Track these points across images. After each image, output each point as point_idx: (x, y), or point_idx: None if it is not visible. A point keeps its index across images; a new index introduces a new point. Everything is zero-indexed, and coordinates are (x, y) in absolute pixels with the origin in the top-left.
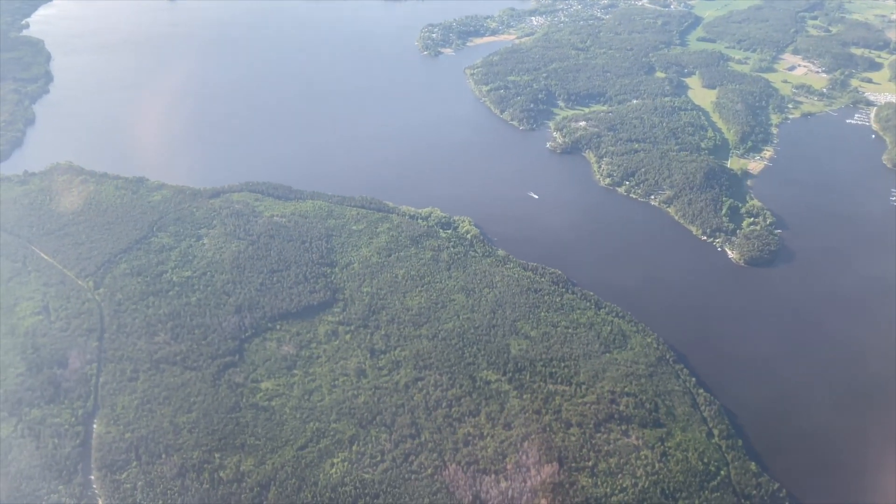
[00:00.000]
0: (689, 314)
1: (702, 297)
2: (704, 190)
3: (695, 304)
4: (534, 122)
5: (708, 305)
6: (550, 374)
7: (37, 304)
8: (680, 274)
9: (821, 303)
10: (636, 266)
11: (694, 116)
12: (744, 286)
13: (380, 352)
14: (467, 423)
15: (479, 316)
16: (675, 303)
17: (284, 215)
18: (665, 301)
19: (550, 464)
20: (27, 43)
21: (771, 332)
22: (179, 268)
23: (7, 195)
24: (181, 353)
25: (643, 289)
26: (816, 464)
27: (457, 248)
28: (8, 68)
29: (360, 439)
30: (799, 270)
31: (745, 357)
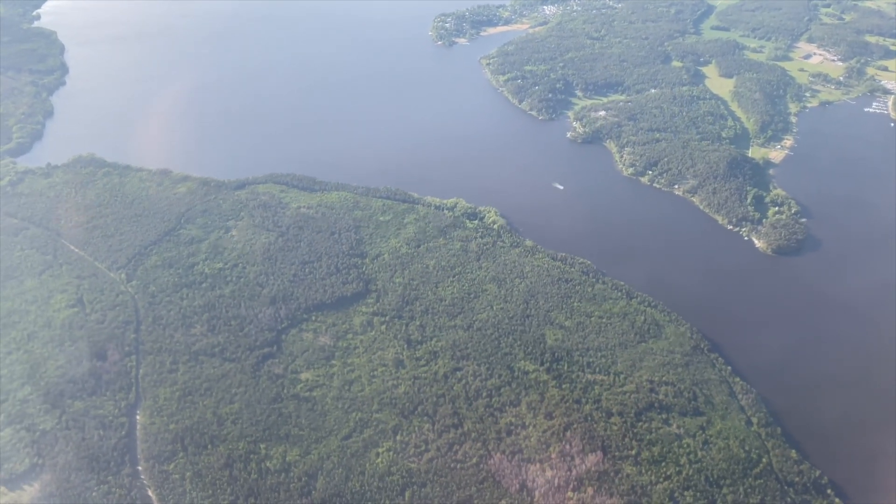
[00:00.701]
0: (721, 303)
1: (731, 287)
2: (728, 179)
3: (725, 293)
4: (553, 111)
5: (738, 294)
6: (588, 363)
7: (71, 296)
8: (708, 263)
9: (851, 291)
10: (664, 256)
11: (713, 106)
12: (772, 275)
13: (416, 342)
14: (508, 412)
15: (512, 306)
16: (706, 292)
17: (311, 207)
18: (695, 290)
19: (594, 453)
20: (40, 34)
21: (802, 321)
22: (210, 259)
23: (32, 188)
24: (219, 345)
25: (673, 278)
26: (855, 451)
27: (485, 239)
28: (23, 60)
29: (404, 429)
30: (827, 259)
31: (779, 345)
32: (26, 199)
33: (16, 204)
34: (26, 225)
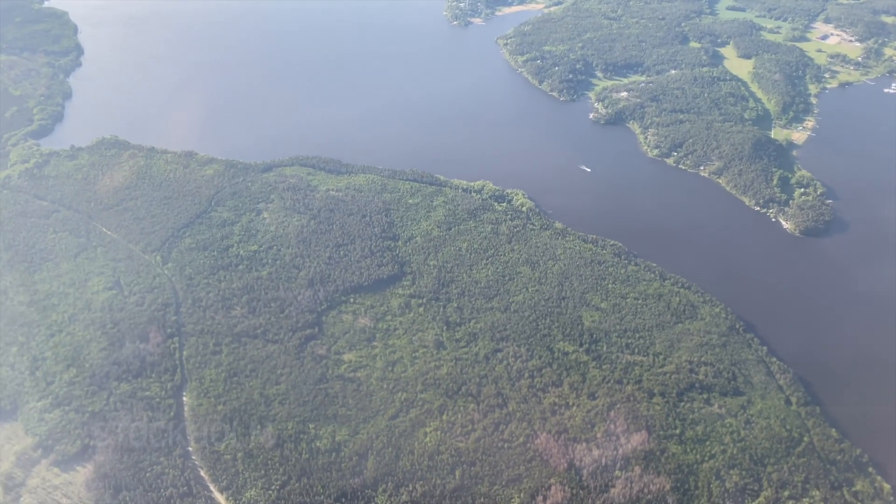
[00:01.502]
0: (752, 284)
1: (762, 268)
2: (753, 161)
3: (756, 274)
4: (574, 92)
5: (769, 275)
6: (626, 344)
7: (108, 279)
8: (738, 244)
9: (881, 271)
10: (694, 237)
11: (734, 87)
12: (802, 256)
13: (455, 324)
14: (551, 393)
15: (547, 288)
16: (737, 273)
17: (340, 189)
18: (727, 271)
19: (639, 432)
20: (52, 15)
21: (834, 301)
22: (244, 242)
23: (58, 170)
24: (261, 327)
25: (704, 259)
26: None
27: (515, 221)
28: (37, 41)
29: (449, 409)
30: (854, 239)
31: (812, 326)
32: (54, 181)
33: (44, 186)
34: (56, 207)
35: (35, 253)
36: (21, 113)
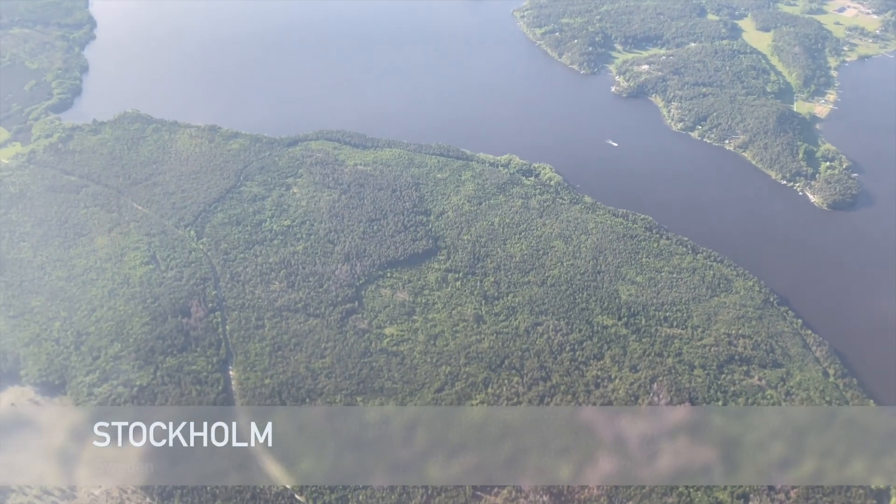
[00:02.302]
0: (783, 258)
1: (792, 241)
2: (778, 134)
3: (786, 247)
4: (594, 65)
5: (799, 249)
6: (664, 318)
7: (143, 254)
8: (766, 218)
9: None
10: (723, 211)
11: (754, 60)
12: (830, 229)
13: (493, 298)
14: (593, 366)
15: (581, 262)
16: (767, 247)
17: (367, 164)
18: (757, 245)
19: (682, 404)
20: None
21: (865, 274)
22: (277, 217)
23: (83, 145)
24: (301, 301)
25: (734, 233)
26: None
27: (544, 196)
28: (50, 13)
29: (493, 382)
30: (883, 213)
31: (845, 298)
32: (80, 156)
33: (70, 161)
34: (85, 182)
35: (68, 228)
36: (40, 87)
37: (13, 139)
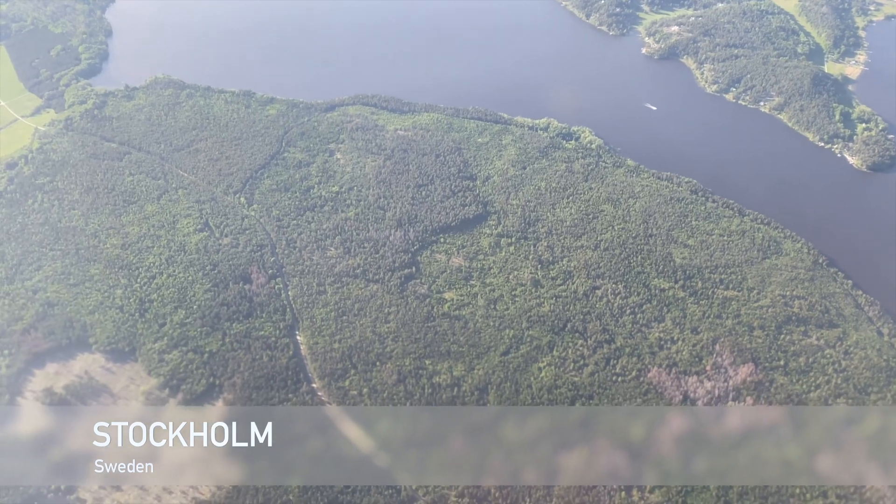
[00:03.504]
0: (827, 219)
1: (834, 203)
2: (813, 96)
3: (829, 209)
4: (622, 26)
5: (842, 210)
6: (720, 280)
7: (196, 220)
8: (808, 180)
9: None
10: (764, 173)
11: (783, 20)
12: (871, 191)
13: (548, 262)
14: (655, 328)
15: (632, 226)
16: (811, 209)
17: (407, 129)
18: (800, 207)
19: (745, 364)
20: None
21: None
22: (324, 183)
23: (118, 111)
24: (359, 267)
25: (777, 195)
26: None
27: (587, 159)
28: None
29: (558, 345)
30: None
31: (890, 259)
32: (118, 122)
33: (109, 127)
34: (126, 149)
35: (117, 196)
36: (66, 52)
37: (46, 105)
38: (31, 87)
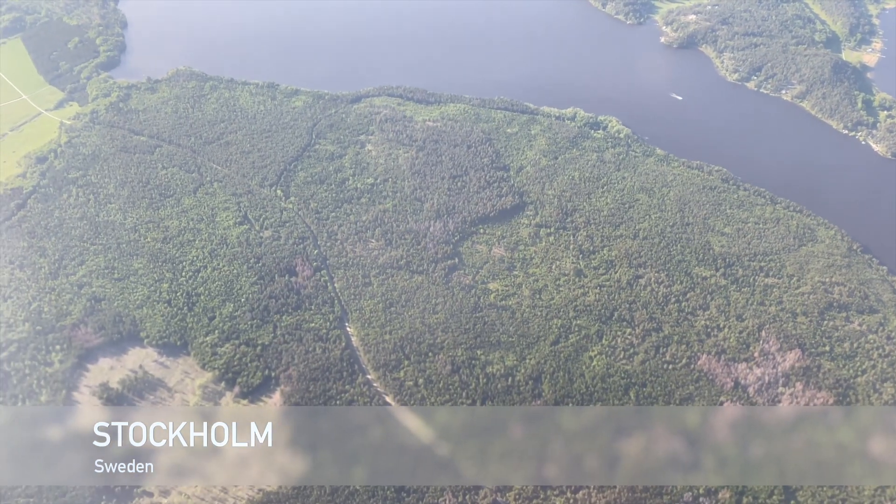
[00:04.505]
0: (857, 206)
1: (862, 190)
2: (835, 84)
3: (858, 196)
4: (639, 15)
5: (870, 197)
6: (760, 268)
7: (234, 214)
8: (834, 168)
9: None
10: (790, 161)
11: (798, 8)
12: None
13: (589, 252)
14: (700, 316)
15: (668, 215)
16: (840, 196)
17: (435, 119)
18: (830, 195)
19: (792, 350)
20: None
21: None
22: (358, 175)
23: (143, 104)
24: (402, 258)
25: (805, 183)
26: None
27: (617, 149)
28: None
29: (607, 334)
30: None
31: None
32: (144, 115)
33: (136, 120)
34: (157, 142)
35: (152, 189)
36: (84, 44)
37: (69, 99)
38: (52, 80)
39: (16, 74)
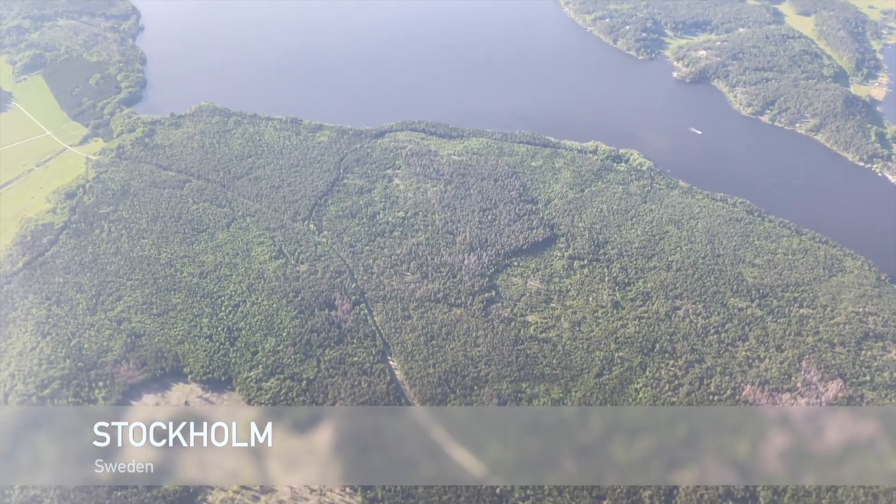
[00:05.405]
0: (879, 237)
1: (882, 222)
2: (847, 117)
3: (880, 227)
4: (650, 51)
5: (892, 228)
6: (794, 298)
7: (269, 248)
8: (853, 199)
9: None
10: (811, 192)
11: (804, 44)
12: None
13: (624, 284)
14: (740, 347)
15: (699, 246)
16: (862, 227)
17: (459, 154)
18: (852, 226)
19: (833, 380)
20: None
21: None
22: (388, 209)
23: (169, 139)
24: (440, 291)
25: (826, 215)
26: None
27: (641, 181)
28: (93, 4)
29: (650, 366)
30: None
31: None
32: (170, 150)
33: (162, 155)
34: (186, 177)
35: (185, 224)
36: (105, 80)
37: (93, 134)
38: (75, 116)
39: (38, 110)
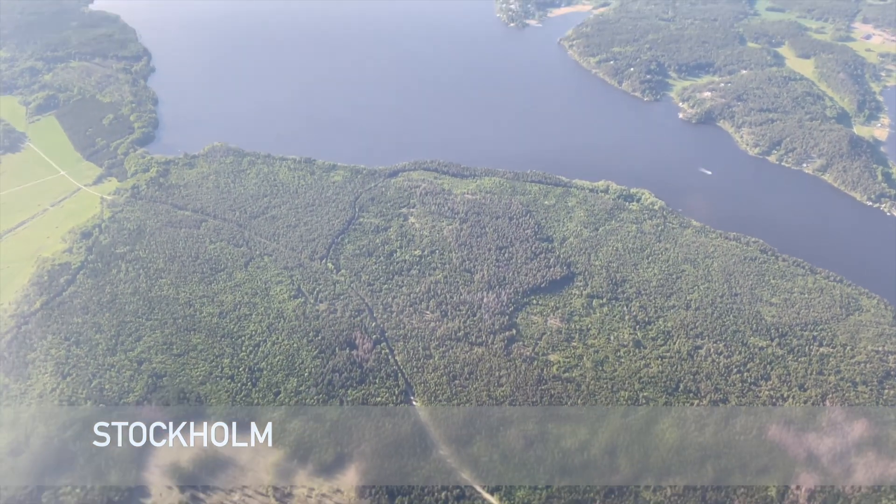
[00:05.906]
0: (892, 276)
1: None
2: (853, 157)
3: (891, 267)
4: (655, 92)
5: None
6: (813, 337)
7: (288, 287)
8: (864, 238)
9: None
10: (820, 231)
11: (806, 86)
12: None
13: (644, 323)
14: (763, 386)
15: (716, 285)
16: (875, 266)
17: (472, 192)
18: (864, 264)
19: (858, 419)
20: (106, 19)
21: None
22: (405, 247)
23: (183, 179)
24: (460, 330)
25: (839, 253)
26: None
27: (654, 220)
28: (104, 46)
29: (675, 405)
30: None
31: None
32: (185, 190)
33: (177, 195)
34: (202, 217)
35: (202, 264)
36: (118, 120)
37: (107, 174)
38: (89, 156)
39: (52, 150)
